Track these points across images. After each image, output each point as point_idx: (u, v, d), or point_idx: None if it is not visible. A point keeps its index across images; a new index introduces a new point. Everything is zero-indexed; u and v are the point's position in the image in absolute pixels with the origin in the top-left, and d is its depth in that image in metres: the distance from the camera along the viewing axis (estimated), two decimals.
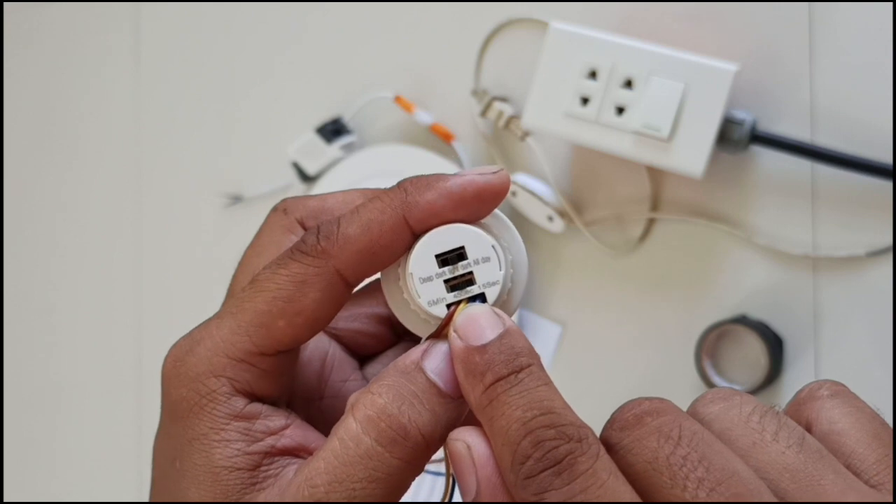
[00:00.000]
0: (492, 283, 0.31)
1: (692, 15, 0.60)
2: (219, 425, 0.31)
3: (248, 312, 0.31)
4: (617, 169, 0.62)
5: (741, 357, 0.60)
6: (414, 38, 0.68)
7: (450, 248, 0.31)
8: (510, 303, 0.33)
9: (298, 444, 0.31)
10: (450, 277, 0.31)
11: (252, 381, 0.31)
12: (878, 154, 0.56)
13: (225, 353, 0.31)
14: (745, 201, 0.60)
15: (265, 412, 0.31)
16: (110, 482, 0.80)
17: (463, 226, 0.32)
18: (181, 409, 0.31)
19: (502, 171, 0.32)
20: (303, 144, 0.69)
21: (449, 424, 0.31)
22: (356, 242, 0.31)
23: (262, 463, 0.30)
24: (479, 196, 0.31)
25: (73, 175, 0.81)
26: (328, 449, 0.30)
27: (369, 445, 0.29)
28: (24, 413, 0.84)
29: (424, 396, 0.30)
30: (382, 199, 0.31)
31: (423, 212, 0.31)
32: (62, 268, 0.82)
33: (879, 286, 0.57)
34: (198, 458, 0.30)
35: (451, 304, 0.31)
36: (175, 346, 0.32)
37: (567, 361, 0.65)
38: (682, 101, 0.57)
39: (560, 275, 0.65)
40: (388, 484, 0.29)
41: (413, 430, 0.30)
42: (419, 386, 0.30)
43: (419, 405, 0.30)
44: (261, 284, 0.31)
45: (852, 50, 0.57)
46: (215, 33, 0.75)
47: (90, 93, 0.80)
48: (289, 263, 0.31)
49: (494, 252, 0.31)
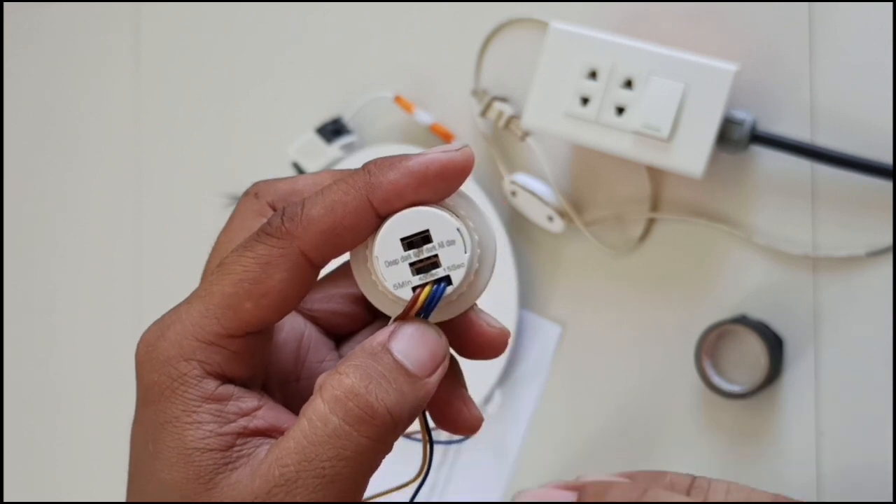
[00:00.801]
0: (457, 266, 0.32)
1: (692, 15, 0.60)
2: (190, 408, 0.31)
3: (216, 295, 0.31)
4: (617, 169, 0.62)
5: (741, 357, 0.60)
6: (414, 38, 0.68)
7: (415, 231, 0.32)
8: (477, 283, 0.33)
9: (270, 425, 0.32)
10: (415, 261, 0.32)
11: (222, 363, 0.31)
12: (878, 154, 0.56)
13: (194, 337, 0.31)
14: (745, 201, 0.60)
15: (237, 394, 0.32)
16: (110, 482, 0.80)
17: (428, 209, 0.32)
18: (153, 393, 0.31)
19: (466, 148, 0.32)
20: (303, 144, 0.69)
21: (416, 404, 0.31)
22: (320, 223, 0.31)
23: (234, 444, 0.31)
24: (443, 174, 0.31)
25: (73, 175, 0.81)
26: (297, 429, 0.30)
27: (337, 425, 0.30)
28: (24, 413, 0.84)
29: (391, 376, 0.31)
30: (346, 181, 0.31)
31: (387, 192, 0.31)
32: (62, 268, 0.82)
33: (879, 286, 0.57)
34: (170, 441, 0.31)
35: (416, 287, 0.32)
36: (147, 332, 0.32)
37: (567, 361, 0.65)
38: (682, 101, 0.57)
39: (560, 275, 0.65)
40: (357, 462, 0.30)
41: (380, 408, 0.30)
42: (386, 366, 0.31)
43: (386, 384, 0.30)
44: (227, 267, 0.31)
45: (852, 50, 0.57)
46: (215, 33, 0.75)
47: (90, 93, 0.80)
48: (254, 246, 0.31)
49: (459, 235, 0.32)
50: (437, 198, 0.32)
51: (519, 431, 0.66)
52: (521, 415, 0.66)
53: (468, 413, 0.35)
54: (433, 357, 0.32)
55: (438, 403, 0.34)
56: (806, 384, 0.59)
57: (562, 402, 0.65)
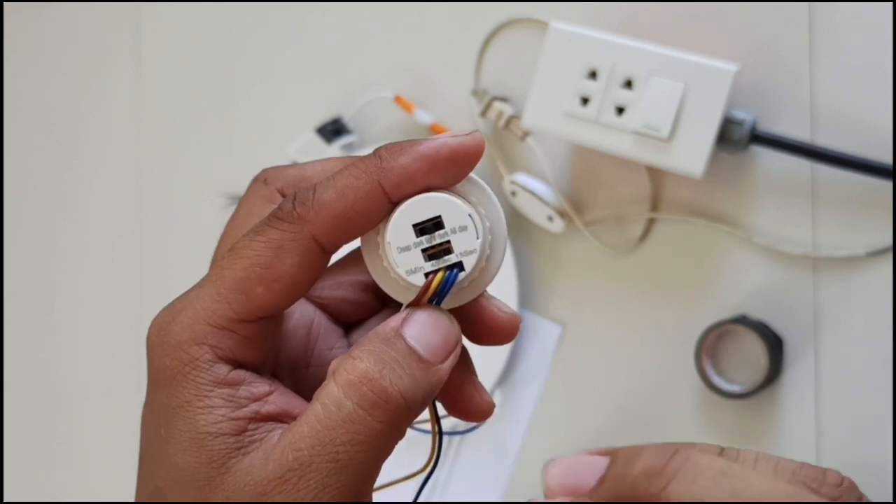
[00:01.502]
0: (469, 252, 0.32)
1: (692, 15, 0.60)
2: (202, 392, 0.31)
3: (228, 279, 0.31)
4: (617, 169, 0.62)
5: (741, 357, 0.60)
6: (414, 38, 0.68)
7: (427, 217, 0.32)
8: (488, 269, 0.33)
9: (282, 410, 0.32)
10: (427, 247, 0.32)
11: (234, 347, 0.31)
12: (878, 154, 0.56)
13: (206, 321, 0.31)
14: (745, 201, 0.60)
15: (248, 379, 0.32)
16: (110, 482, 0.80)
17: (440, 195, 0.32)
18: (165, 377, 0.31)
19: (476, 133, 0.32)
20: (303, 144, 0.69)
21: (429, 390, 0.31)
22: (331, 208, 0.31)
23: (246, 428, 0.31)
24: (453, 158, 0.32)
25: (73, 175, 0.81)
26: (311, 413, 0.30)
27: (351, 409, 0.30)
28: (24, 413, 0.84)
29: (405, 361, 0.31)
30: (357, 166, 0.31)
31: (398, 176, 0.31)
32: (62, 268, 0.82)
33: (879, 286, 0.57)
34: (182, 425, 0.31)
35: (428, 273, 0.32)
36: (158, 316, 0.32)
37: (567, 361, 0.65)
38: (682, 101, 0.57)
39: (560, 275, 0.65)
40: (370, 447, 0.30)
41: (394, 393, 0.30)
42: (399, 351, 0.31)
43: (399, 370, 0.30)
44: (239, 252, 0.31)
45: (852, 50, 0.57)
46: (215, 33, 0.75)
47: (90, 93, 0.80)
48: (266, 230, 0.31)
49: (471, 220, 0.32)
50: (449, 182, 0.32)
51: (519, 431, 0.66)
52: (521, 415, 0.66)
53: (480, 399, 0.35)
54: (446, 343, 0.32)
55: (450, 390, 0.35)
56: (806, 384, 0.59)
57: (562, 402, 0.65)
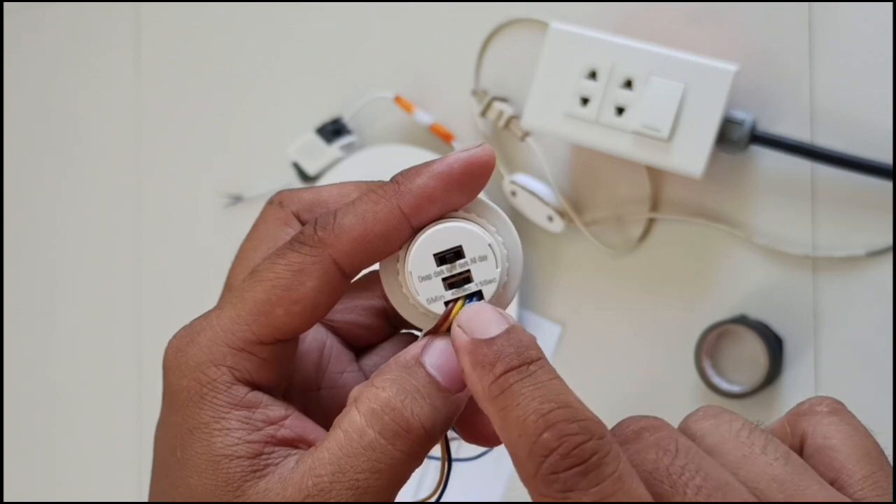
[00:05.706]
0: (489, 281, 0.32)
1: (692, 15, 0.60)
2: (220, 414, 0.31)
3: (248, 302, 0.31)
4: (617, 169, 0.62)
5: (741, 357, 0.60)
6: (414, 38, 0.68)
7: (447, 247, 0.32)
8: (505, 296, 0.33)
9: (298, 436, 0.32)
10: (448, 276, 0.32)
11: (252, 369, 0.32)
12: (878, 154, 0.56)
13: (225, 343, 0.31)
14: (744, 201, 0.60)
15: (265, 402, 0.32)
16: (110, 482, 0.80)
17: (460, 224, 0.32)
18: (182, 398, 0.31)
19: (485, 145, 0.32)
20: (303, 144, 0.69)
21: (448, 418, 0.31)
22: (352, 232, 0.31)
23: (262, 452, 0.31)
24: (468, 171, 0.32)
25: (73, 175, 0.81)
26: (332, 440, 0.30)
27: (373, 438, 0.30)
28: (24, 413, 0.84)
29: (425, 391, 0.31)
30: (377, 192, 0.32)
31: (416, 197, 0.32)
32: (62, 268, 0.82)
33: (879, 286, 0.57)
34: (199, 447, 0.31)
35: (448, 302, 0.32)
36: (176, 337, 0.32)
37: (567, 361, 0.65)
38: (682, 101, 0.57)
39: (560, 275, 0.65)
40: (389, 475, 0.30)
41: (416, 423, 0.30)
42: (420, 380, 0.31)
43: (421, 399, 0.31)
44: (260, 275, 0.32)
45: (852, 50, 0.57)
46: (215, 33, 0.75)
47: (90, 93, 0.80)
48: (287, 254, 0.32)
49: (491, 250, 0.32)
50: (466, 198, 0.32)
51: None
52: None
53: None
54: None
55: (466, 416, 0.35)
56: (806, 384, 0.59)
57: None
